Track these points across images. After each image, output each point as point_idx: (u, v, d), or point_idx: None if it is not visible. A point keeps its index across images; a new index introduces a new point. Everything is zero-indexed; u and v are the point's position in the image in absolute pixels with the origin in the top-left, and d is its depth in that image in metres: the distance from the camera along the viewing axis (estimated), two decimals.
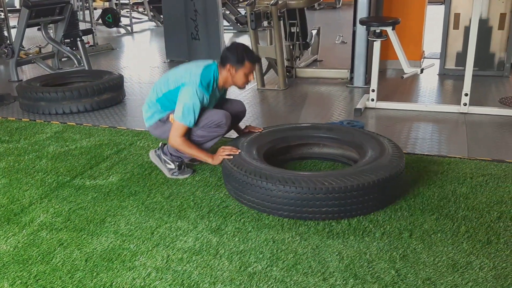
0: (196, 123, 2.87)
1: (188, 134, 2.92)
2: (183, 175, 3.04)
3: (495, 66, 5.28)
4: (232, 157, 2.74)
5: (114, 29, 10.23)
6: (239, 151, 2.78)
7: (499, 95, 4.59)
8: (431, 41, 6.56)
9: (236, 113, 3.12)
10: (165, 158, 3.06)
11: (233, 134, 3.32)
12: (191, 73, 2.86)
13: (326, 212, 2.44)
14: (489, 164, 3.08)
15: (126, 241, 2.36)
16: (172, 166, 3.04)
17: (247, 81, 2.94)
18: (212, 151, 2.97)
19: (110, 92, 4.70)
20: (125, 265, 2.17)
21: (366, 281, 2.01)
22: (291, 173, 2.53)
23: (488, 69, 5.28)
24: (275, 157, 3.05)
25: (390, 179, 2.51)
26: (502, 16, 5.08)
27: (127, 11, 10.96)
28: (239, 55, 2.84)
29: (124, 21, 10.57)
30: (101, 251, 2.28)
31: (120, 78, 4.94)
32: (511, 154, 3.26)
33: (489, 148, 3.40)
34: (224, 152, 2.79)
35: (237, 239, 2.35)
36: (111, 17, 9.68)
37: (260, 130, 3.11)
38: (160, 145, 3.13)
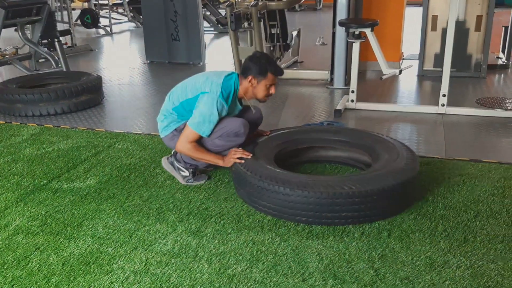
0: (213, 132, 2.76)
1: (204, 144, 2.81)
2: (197, 181, 2.94)
3: (472, 67, 5.36)
4: (243, 161, 2.67)
5: (93, 30, 10.11)
6: (251, 154, 2.70)
7: (476, 96, 4.67)
8: (410, 43, 6.63)
9: (254, 121, 3.01)
10: (178, 166, 2.95)
11: None
12: (212, 82, 2.74)
13: (346, 217, 2.39)
14: (466, 164, 3.12)
15: (104, 244, 2.32)
16: (186, 173, 2.94)
17: (268, 94, 2.82)
18: None
19: (88, 93, 4.64)
20: (102, 269, 2.14)
21: (345, 281, 2.02)
22: (310, 178, 2.48)
23: (466, 70, 5.36)
24: (284, 161, 2.95)
25: (409, 182, 2.48)
26: (479, 18, 5.16)
27: (106, 12, 10.84)
28: (262, 66, 2.73)
29: (104, 22, 10.45)
30: (78, 255, 2.24)
31: (99, 79, 4.88)
32: (488, 154, 3.32)
33: (466, 148, 3.45)
34: (236, 155, 2.70)
35: (216, 241, 2.33)
36: (90, 18, 9.57)
37: (268, 133, 3.04)
38: (172, 152, 3.02)
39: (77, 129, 4.03)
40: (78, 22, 9.74)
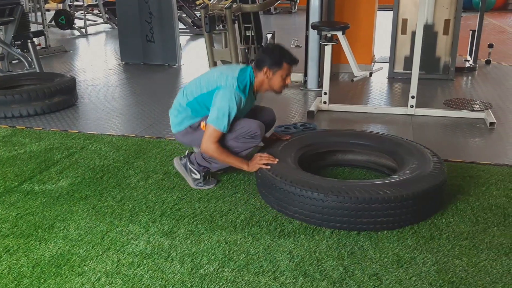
0: (229, 132, 2.72)
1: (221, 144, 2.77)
2: (207, 185, 2.91)
3: (440, 69, 5.50)
4: (269, 166, 2.64)
5: (68, 31, 9.99)
6: (277, 160, 2.68)
7: (444, 97, 4.79)
8: (382, 46, 6.76)
9: (268, 122, 3.01)
10: (191, 168, 2.90)
11: None
12: (227, 76, 2.71)
13: (381, 222, 2.37)
14: None
15: (75, 246, 2.32)
16: (197, 176, 2.90)
17: (284, 85, 2.80)
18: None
19: (62, 95, 4.60)
20: (74, 270, 2.14)
21: (315, 279, 2.07)
22: (342, 183, 2.46)
23: (434, 73, 5.50)
24: (307, 165, 2.90)
25: (440, 185, 2.51)
26: (447, 22, 5.30)
27: (81, 13, 10.71)
28: (277, 57, 2.71)
29: (79, 23, 10.33)
30: (49, 257, 2.24)
31: (72, 80, 4.84)
32: (454, 153, 3.42)
33: (434, 148, 3.52)
34: (262, 161, 2.68)
35: (189, 241, 2.35)
36: (64, 19, 9.44)
37: (288, 138, 3.01)
38: (186, 153, 2.97)
39: (50, 130, 3.99)
40: (53, 23, 9.61)
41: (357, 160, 3.15)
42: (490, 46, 6.24)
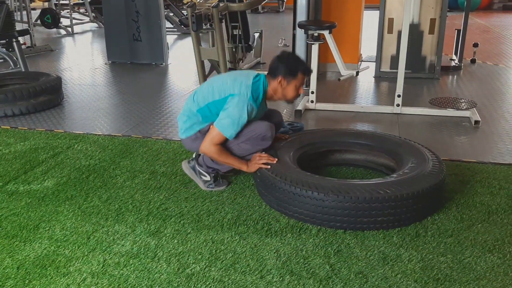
0: (239, 135, 2.69)
1: (230, 147, 2.74)
2: (218, 187, 2.87)
3: (426, 68, 5.55)
4: (269, 166, 2.63)
5: (54, 30, 9.89)
6: (276, 159, 2.66)
7: (430, 96, 4.83)
8: (369, 45, 6.80)
9: (276, 125, 2.93)
10: (200, 170, 2.87)
11: None
12: (242, 84, 2.66)
13: (381, 221, 2.38)
14: None
15: (61, 246, 2.30)
16: (207, 178, 2.86)
17: (297, 95, 2.77)
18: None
19: (47, 94, 4.55)
20: (59, 271, 2.12)
21: (302, 277, 2.07)
22: (343, 182, 2.45)
23: (420, 72, 5.54)
24: (306, 165, 2.88)
25: (440, 184, 2.51)
26: (432, 21, 5.35)
27: (67, 12, 10.61)
28: (292, 66, 2.68)
29: (65, 22, 10.24)
30: (34, 258, 2.21)
31: (58, 80, 4.79)
32: (440, 152, 3.42)
33: None
34: (261, 160, 2.66)
35: (176, 241, 2.35)
36: (50, 18, 9.35)
37: (287, 137, 2.99)
38: (194, 156, 2.96)
39: (35, 130, 3.95)
40: (38, 22, 9.51)
41: (357, 159, 3.14)
42: (475, 45, 6.31)
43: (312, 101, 4.46)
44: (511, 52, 7.26)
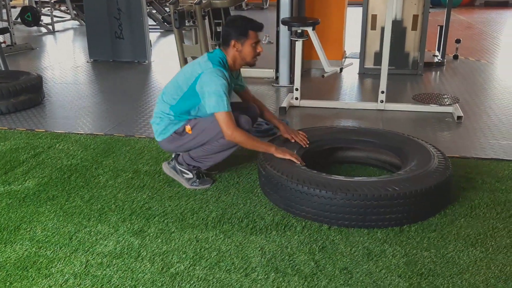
0: (218, 130, 2.67)
1: (211, 144, 2.75)
2: (203, 185, 2.84)
3: (409, 65, 5.58)
4: (297, 161, 2.61)
5: (35, 28, 9.74)
6: (304, 164, 2.63)
7: (413, 92, 4.86)
8: (353, 41, 6.82)
9: (252, 119, 2.93)
10: (181, 168, 2.85)
11: None
12: (200, 63, 2.68)
13: (390, 219, 2.36)
14: None
15: (42, 248, 2.26)
16: (190, 175, 2.84)
17: (256, 53, 2.75)
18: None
19: (28, 93, 4.47)
20: (41, 272, 2.09)
21: (287, 274, 2.07)
22: (349, 180, 2.44)
23: (404, 68, 5.57)
24: (311, 162, 2.82)
25: (447, 181, 2.50)
26: (415, 17, 5.38)
27: (48, 10, 10.46)
28: (241, 26, 2.68)
29: (46, 20, 10.09)
30: (15, 260, 2.17)
31: (39, 78, 4.72)
32: None
33: None
34: (291, 156, 2.64)
35: (160, 240, 2.32)
36: (30, 16, 9.19)
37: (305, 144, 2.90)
38: (173, 156, 2.94)
39: (15, 130, 3.88)
40: (18, 20, 9.35)
41: (363, 157, 3.12)
42: (458, 41, 6.37)
43: (296, 98, 4.45)
44: (493, 48, 7.35)
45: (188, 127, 2.76)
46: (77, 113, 4.38)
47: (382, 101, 4.28)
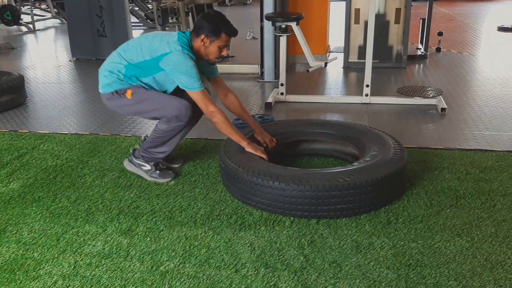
0: (154, 105, 2.73)
1: (153, 133, 2.81)
2: (164, 178, 2.88)
3: (393, 58, 5.62)
4: (264, 156, 2.68)
5: (14, 27, 9.60)
6: (266, 158, 2.68)
7: (397, 85, 4.91)
8: (336, 36, 6.84)
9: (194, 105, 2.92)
10: (138, 162, 2.91)
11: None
12: (169, 41, 2.65)
13: (341, 209, 2.40)
14: None
15: (29, 249, 2.24)
16: (148, 167, 2.89)
17: (220, 56, 2.75)
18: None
19: (9, 93, 4.41)
20: (28, 275, 2.06)
21: (277, 269, 2.07)
22: (303, 171, 2.47)
23: (387, 61, 5.62)
24: (273, 155, 2.90)
25: (399, 172, 2.53)
26: (398, 10, 5.42)
27: (28, 8, 10.31)
28: (216, 26, 2.65)
29: (25, 18, 9.94)
30: (1, 263, 2.15)
31: (20, 78, 4.65)
32: (409, 139, 3.50)
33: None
34: (258, 151, 2.70)
35: (148, 239, 2.31)
36: (10, 15, 9.06)
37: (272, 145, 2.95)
38: (131, 151, 2.98)
39: None
40: None
41: (323, 149, 3.17)
42: (440, 34, 6.44)
43: (282, 93, 4.46)
44: (474, 40, 7.44)
45: (129, 91, 2.75)
46: (61, 112, 4.33)
47: (367, 95, 4.31)
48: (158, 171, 2.89)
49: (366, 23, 5.17)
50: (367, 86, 4.28)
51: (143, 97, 2.75)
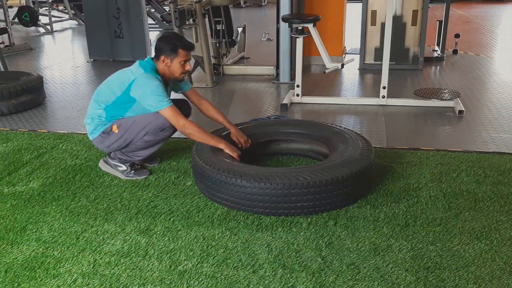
0: (140, 129, 2.82)
1: (135, 143, 2.87)
2: (139, 176, 2.98)
3: (410, 60, 5.59)
4: (238, 158, 2.75)
5: (33, 28, 9.73)
6: (238, 160, 2.74)
7: (414, 87, 4.87)
8: (352, 37, 6.82)
9: (185, 114, 3.00)
10: (114, 163, 2.99)
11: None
12: (132, 71, 2.80)
13: (302, 207, 2.44)
14: (406, 152, 3.27)
15: (49, 248, 2.27)
16: (123, 167, 2.98)
17: (184, 71, 2.86)
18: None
19: (29, 94, 4.48)
20: (49, 273, 2.09)
21: (294, 270, 2.08)
22: (266, 170, 2.52)
23: (404, 63, 5.59)
24: (248, 154, 3.00)
25: (363, 172, 2.55)
26: (415, 12, 5.39)
27: (46, 10, 10.44)
28: (171, 44, 2.77)
29: (43, 19, 10.07)
30: (22, 261, 2.18)
31: (39, 79, 4.71)
32: (426, 142, 3.49)
33: (406, 137, 3.61)
34: (234, 152, 2.77)
35: (166, 238, 2.33)
36: (28, 16, 9.18)
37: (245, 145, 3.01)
38: (107, 153, 3.07)
39: (17, 131, 3.88)
40: (16, 20, 9.34)
41: (297, 148, 3.23)
42: (457, 36, 6.38)
43: (297, 95, 4.46)
44: (491, 42, 7.36)
45: (114, 126, 2.88)
46: (79, 113, 4.38)
47: (383, 97, 4.29)
48: (133, 171, 2.98)
49: (382, 25, 5.16)
50: (384, 88, 4.26)
51: (128, 124, 2.86)
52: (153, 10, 9.99)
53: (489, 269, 2.05)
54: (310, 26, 4.18)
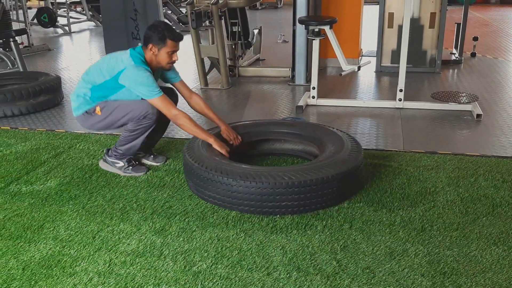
0: (123, 117, 2.88)
1: (122, 134, 2.94)
2: (137, 172, 3.04)
3: (427, 63, 5.54)
4: (228, 155, 2.80)
5: (51, 29, 9.86)
6: (227, 156, 2.79)
7: (431, 90, 4.82)
8: (369, 40, 6.78)
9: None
10: (111, 160, 3.05)
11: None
12: (122, 59, 2.83)
13: (286, 206, 2.47)
14: (422, 156, 3.24)
15: (66, 246, 2.29)
16: (121, 163, 3.04)
17: (171, 61, 2.90)
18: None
19: (47, 94, 4.54)
20: (65, 271, 2.11)
21: (309, 273, 2.07)
22: (252, 169, 2.55)
23: (421, 66, 5.53)
24: (237, 154, 3.02)
25: (349, 173, 2.55)
26: (432, 15, 5.34)
27: (64, 11, 10.58)
28: (160, 34, 2.80)
29: (62, 21, 10.21)
30: (39, 259, 2.20)
31: (57, 79, 4.78)
32: (443, 145, 3.45)
33: (423, 141, 3.57)
34: (223, 148, 2.82)
35: (181, 239, 2.34)
36: (47, 17, 9.32)
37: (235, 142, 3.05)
38: (105, 151, 3.12)
39: (36, 130, 3.94)
40: (35, 21, 9.48)
41: (289, 149, 3.25)
42: (475, 39, 6.30)
43: (313, 97, 4.45)
44: (509, 46, 7.25)
45: (98, 108, 2.92)
46: None
47: (400, 99, 4.25)
48: (131, 167, 3.04)
49: (399, 27, 5.12)
50: (401, 90, 4.23)
51: (111, 108, 2.90)
52: (169, 12, 10.05)
53: (507, 275, 2.02)
54: (326, 28, 4.16)
